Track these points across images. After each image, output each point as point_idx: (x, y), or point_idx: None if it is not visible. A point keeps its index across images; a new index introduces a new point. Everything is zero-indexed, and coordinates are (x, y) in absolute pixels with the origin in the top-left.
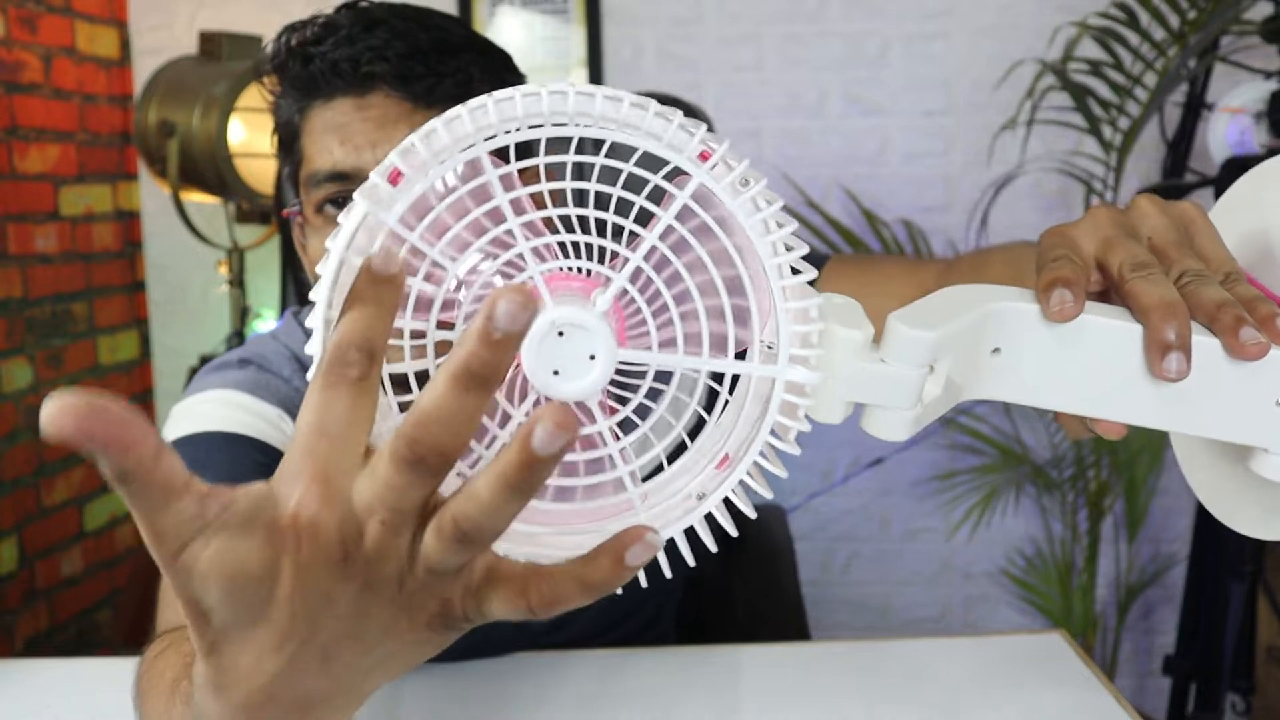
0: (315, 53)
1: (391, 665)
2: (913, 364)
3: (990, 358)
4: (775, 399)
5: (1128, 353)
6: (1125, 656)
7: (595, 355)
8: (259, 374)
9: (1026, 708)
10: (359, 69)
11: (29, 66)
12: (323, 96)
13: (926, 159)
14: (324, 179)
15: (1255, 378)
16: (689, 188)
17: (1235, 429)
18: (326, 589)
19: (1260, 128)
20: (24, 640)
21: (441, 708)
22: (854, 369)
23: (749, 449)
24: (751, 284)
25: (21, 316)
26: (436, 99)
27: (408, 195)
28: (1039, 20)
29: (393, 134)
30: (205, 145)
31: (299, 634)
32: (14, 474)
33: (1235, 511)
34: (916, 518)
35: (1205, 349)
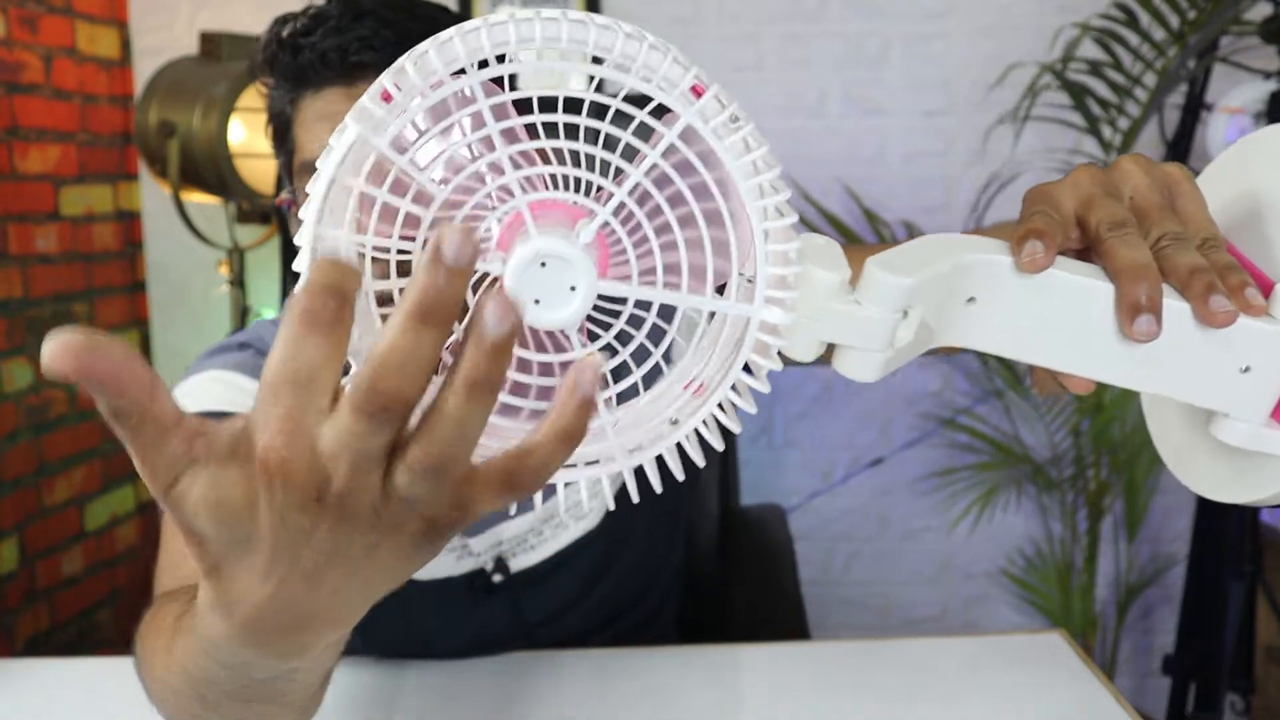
0: (305, 44)
1: (381, 580)
2: (888, 308)
3: (965, 306)
4: (750, 337)
5: (1099, 311)
6: (1125, 656)
7: (576, 286)
8: (256, 357)
9: (1026, 707)
10: (347, 58)
11: (29, 67)
12: (313, 87)
13: (926, 159)
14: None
15: (1223, 344)
16: (677, 126)
17: (1201, 393)
18: (300, 524)
19: (1260, 128)
20: (25, 640)
21: (441, 707)
22: (829, 310)
23: (722, 381)
24: (732, 220)
25: (22, 316)
26: None
27: (400, 119)
28: (1039, 20)
29: None
30: (206, 145)
31: (283, 561)
32: (14, 474)
33: (1197, 474)
34: (916, 517)
35: (1176, 313)
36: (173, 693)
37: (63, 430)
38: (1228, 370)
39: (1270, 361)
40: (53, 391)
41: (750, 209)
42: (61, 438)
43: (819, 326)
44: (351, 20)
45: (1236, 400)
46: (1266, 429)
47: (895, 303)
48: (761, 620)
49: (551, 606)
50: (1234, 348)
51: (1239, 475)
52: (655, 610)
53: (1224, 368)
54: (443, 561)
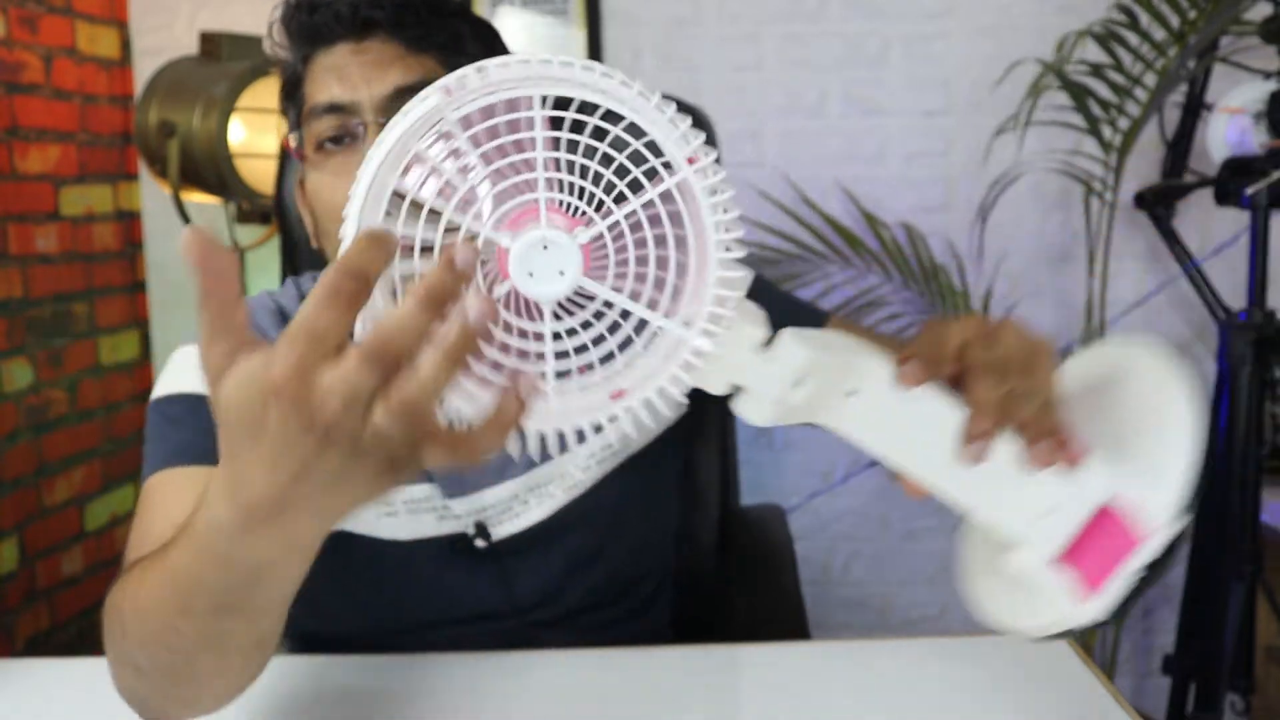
0: (320, 3)
1: (349, 496)
2: (787, 370)
3: (846, 397)
4: (680, 354)
5: (947, 431)
6: (1124, 656)
7: (564, 271)
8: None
9: (1026, 708)
10: (358, 14)
11: (29, 67)
12: (325, 43)
13: (926, 159)
14: (323, 111)
15: (1038, 487)
16: (674, 179)
17: (1010, 522)
18: (297, 439)
19: (1260, 128)
20: (25, 640)
21: (440, 706)
22: (745, 358)
23: (646, 385)
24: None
25: (22, 316)
26: (428, 46)
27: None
28: (1039, 20)
29: (386, 72)
30: (206, 145)
31: (281, 461)
32: (15, 474)
33: (979, 593)
34: (916, 517)
35: (1007, 451)
36: (154, 610)
37: (63, 430)
38: (1035, 509)
39: (1070, 511)
40: (53, 391)
41: (712, 260)
42: (61, 438)
43: (733, 369)
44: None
45: (1035, 536)
46: (1049, 568)
47: (793, 368)
48: (761, 620)
49: (542, 584)
50: (1045, 492)
51: (1014, 603)
52: (648, 599)
53: (1033, 506)
54: (424, 521)
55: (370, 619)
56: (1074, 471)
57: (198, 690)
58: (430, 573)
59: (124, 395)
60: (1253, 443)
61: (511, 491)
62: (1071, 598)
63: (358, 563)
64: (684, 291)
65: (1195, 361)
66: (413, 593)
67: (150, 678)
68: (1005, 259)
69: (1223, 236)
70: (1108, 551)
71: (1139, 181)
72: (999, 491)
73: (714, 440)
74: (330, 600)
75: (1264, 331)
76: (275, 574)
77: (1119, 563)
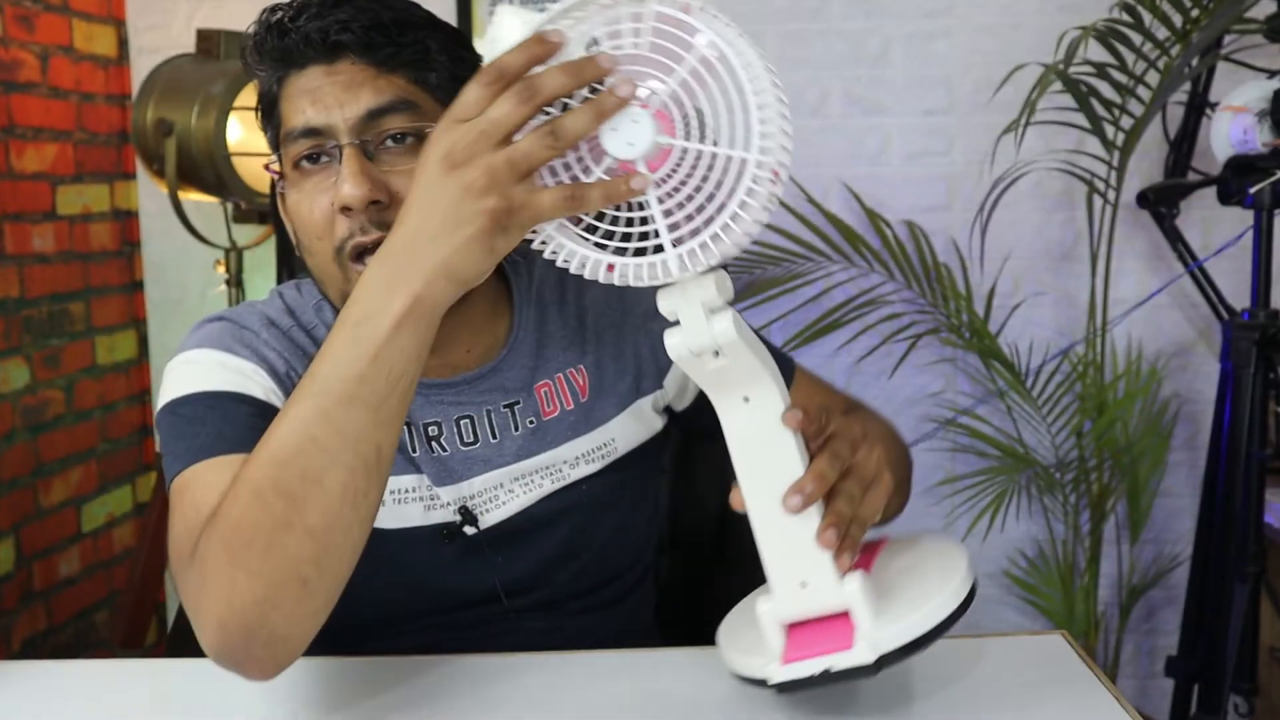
0: (291, 27)
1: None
2: (713, 333)
3: (741, 400)
4: (745, 179)
5: (786, 474)
6: (1127, 658)
7: (638, 121)
8: (233, 328)
9: (1028, 709)
10: (328, 39)
11: (26, 65)
12: (297, 66)
13: (928, 158)
14: (299, 135)
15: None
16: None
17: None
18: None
19: (1263, 126)
20: (21, 641)
21: (440, 707)
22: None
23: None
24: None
25: (18, 316)
26: (396, 65)
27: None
28: (1041, 19)
29: (358, 95)
30: (203, 144)
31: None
32: (11, 474)
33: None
34: (917, 519)
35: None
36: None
37: (60, 430)
38: (799, 576)
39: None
40: (50, 392)
41: (748, 93)
42: (58, 438)
43: (685, 303)
44: (331, 6)
45: (782, 596)
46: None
47: (716, 338)
48: None
49: (528, 571)
50: (815, 570)
51: (737, 634)
52: (632, 588)
53: (799, 572)
54: (411, 511)
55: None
56: (844, 574)
57: (325, 555)
58: (417, 561)
59: (121, 395)
60: (1256, 444)
61: (498, 480)
62: (770, 656)
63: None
64: (741, 123)
65: (1199, 362)
66: (400, 582)
67: (273, 559)
68: (1008, 258)
69: (1226, 236)
70: (816, 643)
71: (1142, 180)
72: (786, 545)
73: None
74: None
75: (1267, 331)
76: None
77: (815, 654)
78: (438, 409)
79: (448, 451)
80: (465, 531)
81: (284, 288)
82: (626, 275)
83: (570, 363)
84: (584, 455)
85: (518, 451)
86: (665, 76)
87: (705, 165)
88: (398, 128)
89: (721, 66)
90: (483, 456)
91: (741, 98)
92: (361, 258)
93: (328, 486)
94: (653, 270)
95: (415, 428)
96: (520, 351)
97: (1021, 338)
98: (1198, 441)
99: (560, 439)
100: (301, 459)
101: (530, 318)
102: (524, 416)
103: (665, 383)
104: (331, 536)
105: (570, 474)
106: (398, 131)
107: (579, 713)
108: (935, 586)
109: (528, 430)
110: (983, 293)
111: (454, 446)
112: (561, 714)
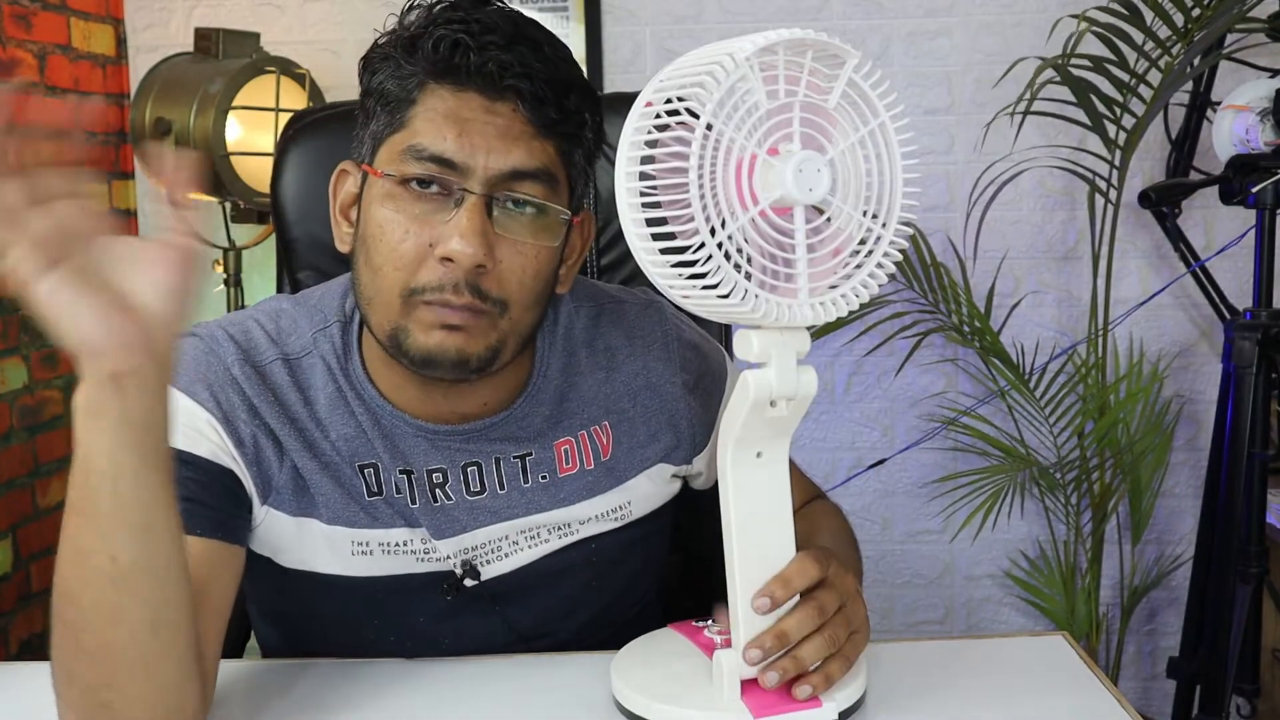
0: (471, 45)
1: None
2: (798, 384)
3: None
4: (881, 248)
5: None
6: (1129, 659)
7: (821, 170)
8: (203, 361)
9: (1029, 710)
10: (504, 79)
11: (24, 64)
12: (454, 84)
13: (928, 157)
14: (428, 158)
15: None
16: (878, 119)
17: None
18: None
19: (1266, 125)
20: (18, 643)
21: (438, 709)
22: (789, 350)
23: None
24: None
25: (16, 316)
26: (554, 132)
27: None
28: (1041, 17)
29: (511, 149)
30: (201, 143)
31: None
32: (9, 475)
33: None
34: (918, 519)
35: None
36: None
37: (58, 431)
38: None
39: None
40: (47, 392)
41: (899, 180)
42: (56, 438)
43: (780, 350)
44: (510, 40)
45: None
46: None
47: (800, 390)
48: None
49: (533, 623)
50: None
51: (695, 705)
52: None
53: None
54: (402, 561)
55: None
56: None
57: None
58: (411, 608)
59: None
60: (1258, 444)
61: (502, 532)
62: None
63: (335, 600)
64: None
65: (1201, 362)
66: (395, 627)
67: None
68: (1009, 257)
69: (1228, 235)
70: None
71: (1144, 180)
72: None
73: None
74: (309, 634)
75: (1270, 331)
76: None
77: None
78: (444, 455)
79: (452, 500)
80: (466, 584)
81: (282, 306)
82: (757, 310)
83: (595, 419)
84: (599, 515)
85: (527, 505)
86: (837, 134)
87: (853, 225)
88: (530, 195)
89: (881, 135)
90: (489, 508)
91: (892, 167)
92: (432, 306)
93: (84, 606)
94: (788, 311)
95: (418, 475)
96: (538, 400)
97: (1023, 337)
98: (1199, 442)
99: (575, 498)
100: (61, 579)
101: (554, 363)
102: (536, 470)
103: (695, 460)
104: (109, 656)
105: (581, 530)
106: (527, 199)
107: (578, 711)
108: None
109: (539, 484)
110: (983, 292)
111: (459, 495)
112: (560, 712)
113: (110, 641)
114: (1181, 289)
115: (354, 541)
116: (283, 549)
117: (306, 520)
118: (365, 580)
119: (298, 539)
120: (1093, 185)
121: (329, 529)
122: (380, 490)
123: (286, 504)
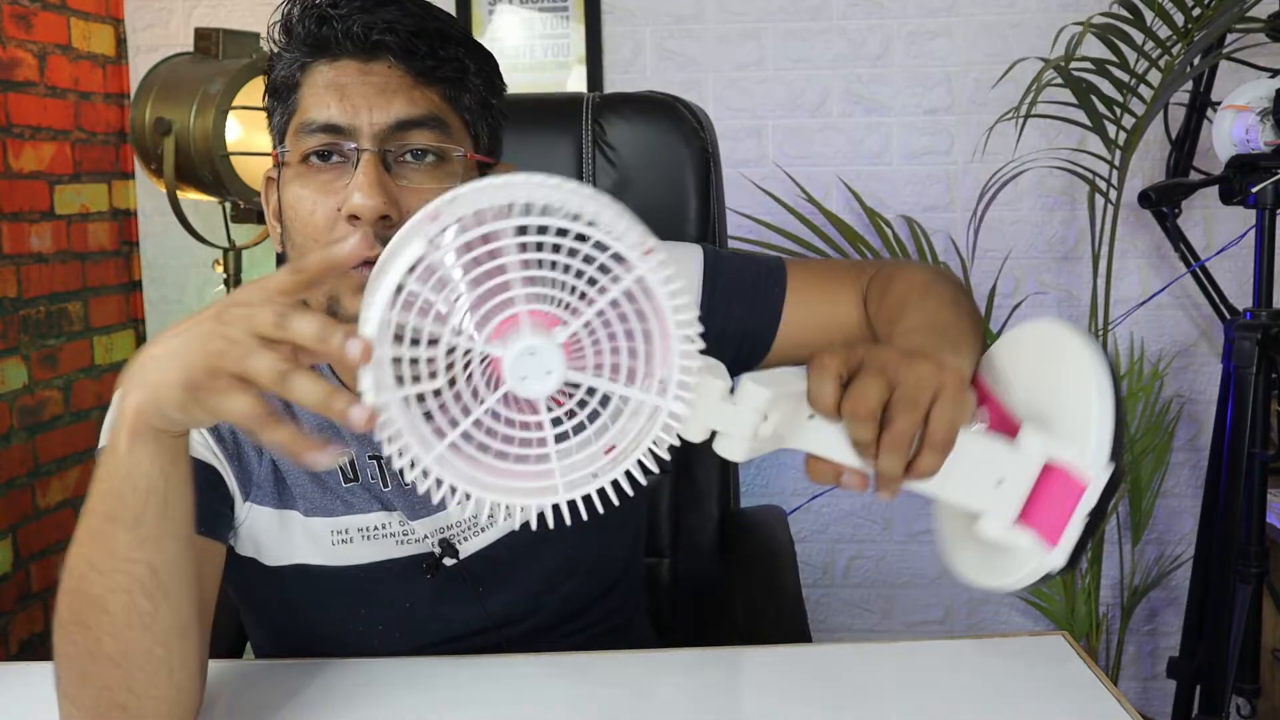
0: (332, 14)
1: (177, 369)
2: (752, 409)
3: (808, 421)
4: (659, 419)
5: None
6: (1129, 659)
7: (552, 371)
8: None
9: (1029, 711)
10: (370, 35)
11: (24, 64)
12: (329, 56)
13: (928, 157)
14: (317, 129)
15: (984, 462)
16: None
17: (967, 498)
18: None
19: (1266, 125)
20: (19, 643)
21: (438, 709)
22: (714, 408)
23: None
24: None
25: (16, 316)
26: (434, 78)
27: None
28: (1042, 17)
29: (391, 101)
30: (201, 143)
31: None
32: (9, 475)
33: (962, 562)
34: (918, 519)
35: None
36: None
37: (57, 431)
38: (988, 483)
39: (1017, 479)
40: (47, 392)
41: (674, 337)
42: (56, 438)
43: (707, 418)
44: (380, 4)
45: (993, 506)
46: (1011, 530)
47: (757, 408)
48: (762, 623)
49: (514, 600)
50: (993, 466)
51: (991, 564)
52: (619, 607)
53: (985, 481)
54: (383, 546)
55: (346, 644)
56: (1013, 443)
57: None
58: (398, 594)
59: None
60: (1258, 444)
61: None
62: (1036, 551)
63: (322, 593)
64: (654, 356)
65: (1201, 362)
66: (384, 616)
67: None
68: (1009, 257)
69: (1228, 235)
70: (1056, 506)
71: (1144, 180)
72: (954, 475)
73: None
74: (300, 633)
75: (1270, 331)
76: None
77: (1068, 514)
78: None
79: None
80: (445, 563)
81: None
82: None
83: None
84: None
85: None
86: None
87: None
88: (423, 143)
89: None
90: None
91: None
92: (358, 268)
93: (113, 612)
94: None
95: (385, 461)
96: None
97: None
98: (1200, 442)
99: None
100: (85, 585)
101: None
102: None
103: None
104: (132, 661)
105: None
106: (421, 147)
107: (579, 713)
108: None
109: None
110: (984, 292)
111: None
112: (562, 714)
113: (134, 647)
114: (1181, 289)
115: (333, 530)
116: (266, 546)
117: (288, 513)
118: (349, 569)
119: (281, 534)
120: (1093, 185)
121: (307, 520)
122: (357, 476)
123: (268, 498)
